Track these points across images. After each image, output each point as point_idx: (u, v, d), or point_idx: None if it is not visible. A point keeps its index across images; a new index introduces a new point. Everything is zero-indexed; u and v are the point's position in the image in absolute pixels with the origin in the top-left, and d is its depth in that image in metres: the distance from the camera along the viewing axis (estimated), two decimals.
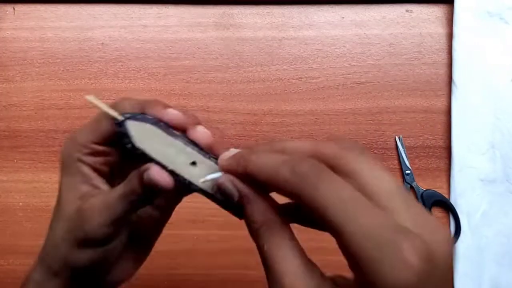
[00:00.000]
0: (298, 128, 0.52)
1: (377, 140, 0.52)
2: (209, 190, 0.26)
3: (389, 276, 0.18)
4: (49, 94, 0.53)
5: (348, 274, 0.21)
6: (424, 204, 0.50)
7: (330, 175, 0.21)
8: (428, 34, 0.53)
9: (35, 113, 0.53)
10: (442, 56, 0.53)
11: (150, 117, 0.26)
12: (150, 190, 0.26)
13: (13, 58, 0.54)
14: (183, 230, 0.51)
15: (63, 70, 0.53)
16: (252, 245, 0.56)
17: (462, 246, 0.49)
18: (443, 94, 0.52)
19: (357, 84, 0.52)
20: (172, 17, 0.54)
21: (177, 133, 0.26)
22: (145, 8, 0.54)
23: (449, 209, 0.50)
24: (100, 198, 0.27)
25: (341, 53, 0.53)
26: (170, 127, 0.26)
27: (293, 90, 0.53)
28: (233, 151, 0.26)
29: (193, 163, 0.26)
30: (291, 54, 0.53)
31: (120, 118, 0.26)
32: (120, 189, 0.27)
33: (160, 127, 0.26)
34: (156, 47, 0.53)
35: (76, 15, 0.54)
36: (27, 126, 0.53)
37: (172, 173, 0.26)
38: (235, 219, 0.57)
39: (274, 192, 0.24)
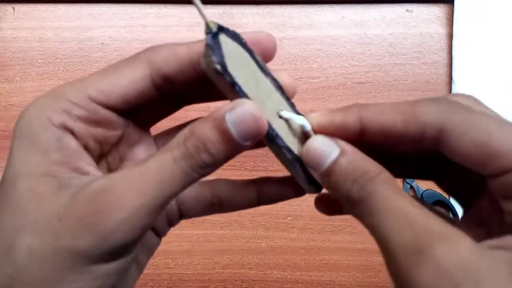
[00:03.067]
0: None
1: None
2: (296, 151, 0.21)
3: None
4: None
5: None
6: (424, 204, 0.50)
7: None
8: (428, 34, 0.53)
9: None
10: (442, 56, 0.53)
11: (243, 40, 0.20)
12: (235, 144, 0.18)
13: (13, 58, 0.54)
14: (183, 230, 0.51)
15: (63, 70, 0.53)
16: (252, 245, 0.56)
17: None
18: (444, 94, 0.52)
19: (357, 84, 0.52)
20: (172, 17, 0.54)
21: (268, 70, 0.21)
22: (145, 8, 0.54)
23: (449, 209, 0.50)
24: (131, 179, 0.17)
25: (341, 53, 0.53)
26: (260, 61, 0.21)
27: None
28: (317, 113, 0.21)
29: (279, 116, 0.21)
30: (291, 54, 0.53)
31: (215, 27, 0.18)
32: (176, 155, 0.18)
33: (253, 56, 0.20)
34: None
35: (76, 15, 0.54)
36: None
37: None
38: (234, 219, 0.57)
39: None
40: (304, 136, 0.21)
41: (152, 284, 0.50)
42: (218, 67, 0.18)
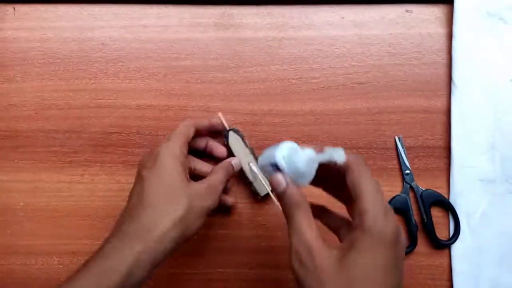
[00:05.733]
0: (298, 128, 0.52)
1: (377, 140, 0.52)
2: (251, 178, 0.50)
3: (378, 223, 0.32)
4: (50, 94, 0.53)
5: None
6: (423, 204, 0.50)
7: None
8: (427, 34, 0.53)
9: (36, 113, 0.53)
10: (442, 56, 0.53)
11: (241, 133, 0.50)
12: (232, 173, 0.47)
13: (13, 58, 0.54)
14: None
15: (63, 70, 0.53)
16: (254, 244, 0.56)
17: (461, 246, 0.49)
18: (443, 94, 0.52)
19: (357, 84, 0.53)
20: (172, 17, 0.54)
21: (250, 147, 0.50)
22: (146, 8, 0.54)
23: (449, 209, 0.50)
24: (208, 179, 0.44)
25: (341, 53, 0.53)
26: (246, 141, 0.50)
27: (293, 90, 0.53)
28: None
29: (249, 165, 0.49)
30: (291, 54, 0.53)
31: (228, 129, 0.50)
32: (218, 171, 0.45)
33: (243, 140, 0.49)
34: (156, 47, 0.53)
35: (77, 15, 0.54)
36: (27, 126, 0.53)
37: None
38: (234, 218, 0.57)
39: None
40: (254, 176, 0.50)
41: (153, 283, 0.50)
42: (226, 143, 0.49)
